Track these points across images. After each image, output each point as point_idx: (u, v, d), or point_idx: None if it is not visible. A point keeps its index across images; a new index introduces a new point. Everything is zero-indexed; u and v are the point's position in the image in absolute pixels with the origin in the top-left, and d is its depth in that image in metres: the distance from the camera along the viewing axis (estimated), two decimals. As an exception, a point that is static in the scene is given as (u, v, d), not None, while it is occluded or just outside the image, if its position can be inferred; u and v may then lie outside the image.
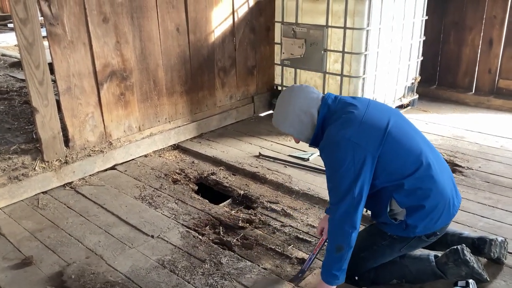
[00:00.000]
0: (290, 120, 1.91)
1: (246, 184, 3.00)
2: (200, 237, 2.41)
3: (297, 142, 2.04)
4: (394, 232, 1.88)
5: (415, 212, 1.80)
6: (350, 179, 1.75)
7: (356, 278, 2.01)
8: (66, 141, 2.99)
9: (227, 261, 2.19)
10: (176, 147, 3.64)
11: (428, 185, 1.79)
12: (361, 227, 2.11)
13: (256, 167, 3.20)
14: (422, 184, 1.79)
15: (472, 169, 3.11)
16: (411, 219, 1.81)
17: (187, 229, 2.48)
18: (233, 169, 3.23)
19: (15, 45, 6.66)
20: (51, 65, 2.78)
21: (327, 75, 3.76)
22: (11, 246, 2.36)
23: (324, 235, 2.16)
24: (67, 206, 2.75)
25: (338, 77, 3.69)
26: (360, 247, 1.98)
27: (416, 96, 4.37)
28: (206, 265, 2.17)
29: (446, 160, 3.20)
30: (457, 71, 4.65)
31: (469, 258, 1.86)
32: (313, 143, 1.96)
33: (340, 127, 1.82)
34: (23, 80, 4.70)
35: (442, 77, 4.77)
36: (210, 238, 2.40)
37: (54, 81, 2.83)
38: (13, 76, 4.94)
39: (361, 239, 2.01)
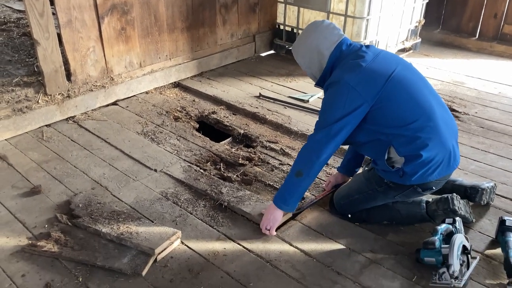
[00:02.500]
0: (303, 53, 2.01)
1: (246, 124, 3.06)
2: (201, 171, 2.50)
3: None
4: (391, 178, 1.94)
5: (412, 161, 1.84)
6: (336, 117, 1.84)
7: (349, 216, 2.13)
8: (68, 75, 3.00)
9: (227, 191, 2.29)
10: (177, 84, 3.66)
11: (428, 135, 1.82)
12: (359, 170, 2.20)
13: (256, 107, 3.24)
14: (422, 133, 1.82)
15: (469, 115, 3.17)
16: (408, 167, 1.86)
17: (189, 164, 2.57)
18: (233, 109, 3.27)
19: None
20: (50, -4, 2.73)
21: (330, 15, 3.70)
22: (19, 175, 2.45)
23: (328, 187, 2.30)
24: (71, 139, 2.81)
25: (342, 18, 3.63)
26: (355, 189, 2.08)
27: (419, 40, 4.33)
28: (207, 197, 2.27)
29: (443, 105, 3.26)
30: (462, 15, 4.57)
31: (458, 207, 1.95)
32: (319, 83, 2.04)
33: (344, 70, 1.88)
34: (20, 11, 4.60)
35: (446, 21, 4.70)
36: (212, 174, 2.49)
37: (54, 13, 2.78)
38: (9, 7, 4.81)
39: (357, 182, 2.11)
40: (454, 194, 1.99)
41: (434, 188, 1.97)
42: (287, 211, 2.02)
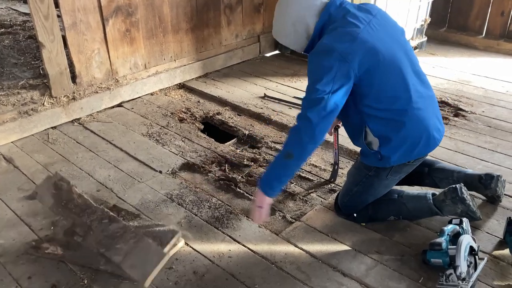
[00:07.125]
0: (285, 31, 1.88)
1: (251, 125, 3.05)
2: (206, 173, 2.49)
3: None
4: (373, 163, 1.94)
5: (387, 143, 1.85)
6: (326, 91, 1.69)
7: (355, 215, 2.10)
8: (73, 77, 3.01)
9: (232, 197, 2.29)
10: (182, 86, 3.66)
11: (404, 118, 1.80)
12: (349, 165, 2.17)
13: (261, 108, 3.24)
14: (397, 116, 1.81)
15: (475, 114, 3.14)
16: (384, 150, 1.86)
17: (194, 166, 2.56)
18: (238, 110, 3.26)
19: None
20: (55, -1, 2.74)
21: (335, 15, 3.68)
22: (25, 177, 2.46)
23: (332, 128, 2.29)
24: (76, 142, 2.82)
25: (347, 17, 3.61)
26: (351, 181, 2.08)
27: (424, 39, 4.29)
28: (212, 200, 2.27)
29: (449, 104, 3.24)
30: (469, 13, 4.53)
31: (466, 196, 1.92)
32: (307, 51, 1.90)
33: (335, 38, 1.74)
34: (25, 14, 4.63)
35: (452, 20, 4.66)
36: (216, 175, 2.49)
37: (59, 16, 2.79)
38: (15, 9, 4.84)
39: (351, 175, 2.11)
40: (461, 184, 1.96)
41: (422, 157, 1.96)
42: (271, 197, 1.83)
